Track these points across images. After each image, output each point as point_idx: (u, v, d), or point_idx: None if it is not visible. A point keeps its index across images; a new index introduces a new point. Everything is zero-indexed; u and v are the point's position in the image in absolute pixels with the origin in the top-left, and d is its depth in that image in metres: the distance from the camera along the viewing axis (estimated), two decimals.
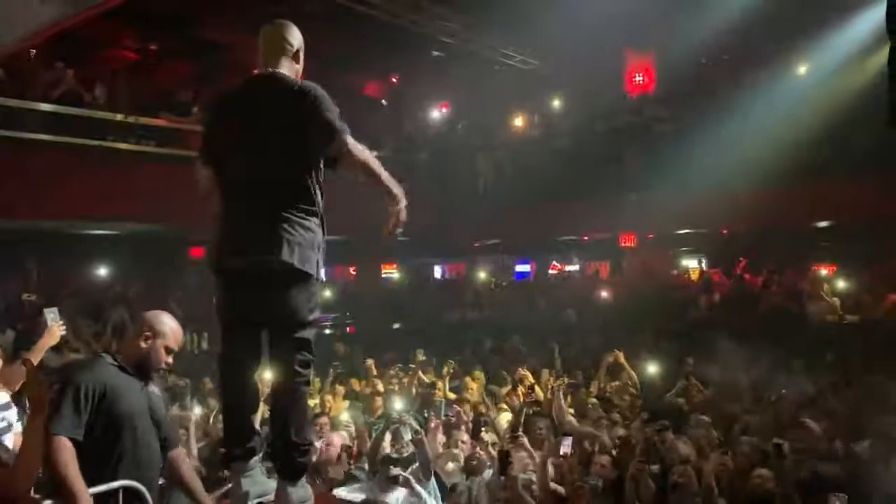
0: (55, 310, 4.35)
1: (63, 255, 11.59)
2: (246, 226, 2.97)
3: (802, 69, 10.71)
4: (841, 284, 10.86)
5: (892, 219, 9.76)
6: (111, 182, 10.10)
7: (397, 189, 3.14)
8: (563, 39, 12.43)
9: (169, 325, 3.30)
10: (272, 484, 3.10)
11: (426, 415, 7.13)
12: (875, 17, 10.36)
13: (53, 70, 10.84)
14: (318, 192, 3.04)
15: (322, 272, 3.08)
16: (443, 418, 6.98)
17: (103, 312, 10.34)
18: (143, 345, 3.22)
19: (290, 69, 3.15)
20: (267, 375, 3.27)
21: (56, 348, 9.22)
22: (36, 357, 3.97)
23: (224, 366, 3.11)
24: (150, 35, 13.63)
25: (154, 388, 3.35)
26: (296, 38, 3.20)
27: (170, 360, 3.29)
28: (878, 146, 10.15)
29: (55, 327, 4.24)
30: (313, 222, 3.02)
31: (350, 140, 3.01)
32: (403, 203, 3.15)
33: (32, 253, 10.38)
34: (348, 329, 13.59)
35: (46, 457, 2.87)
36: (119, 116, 10.95)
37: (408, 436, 5.70)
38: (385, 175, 3.10)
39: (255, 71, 3.18)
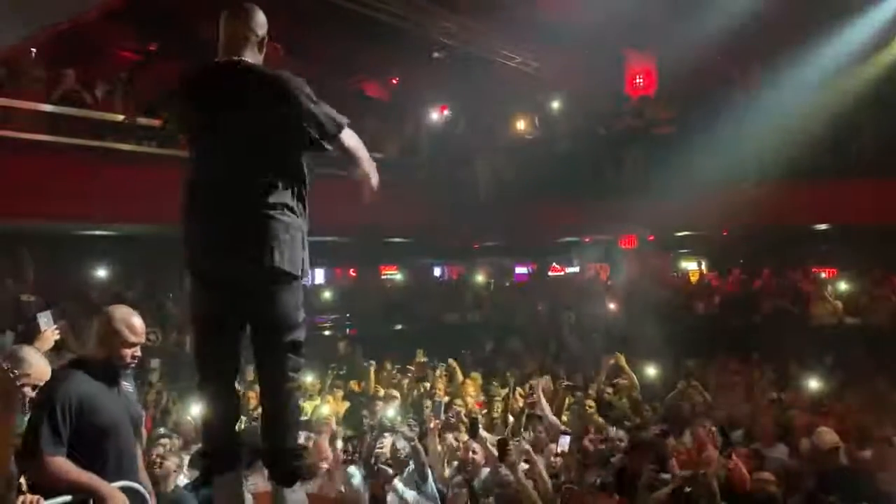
0: (48, 314, 4.28)
1: (62, 256, 11.56)
2: (225, 228, 2.81)
3: (803, 72, 10.70)
4: (842, 287, 10.85)
5: (892, 221, 9.74)
6: (111, 183, 10.08)
7: (371, 168, 3.04)
8: (564, 42, 12.44)
9: (122, 320, 3.18)
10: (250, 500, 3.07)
11: (427, 414, 7.14)
12: (876, 21, 10.40)
13: (54, 70, 10.84)
14: (301, 186, 2.91)
15: (308, 269, 2.96)
16: (441, 419, 6.97)
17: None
18: (102, 348, 3.15)
19: (253, 59, 2.95)
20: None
21: (55, 349, 9.24)
22: None
23: (203, 374, 2.97)
24: (151, 35, 13.62)
25: (126, 385, 3.30)
26: (261, 25, 3.00)
27: (137, 353, 3.21)
28: (878, 148, 10.16)
29: (48, 332, 4.18)
30: (297, 218, 2.88)
31: (349, 139, 2.94)
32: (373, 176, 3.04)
33: (31, 253, 10.36)
34: (348, 331, 13.56)
35: (43, 476, 2.88)
36: (119, 117, 10.94)
37: (401, 443, 5.70)
38: (366, 158, 3.03)
39: (217, 59, 2.95)
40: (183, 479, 5.29)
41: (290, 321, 2.90)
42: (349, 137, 2.94)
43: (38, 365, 3.20)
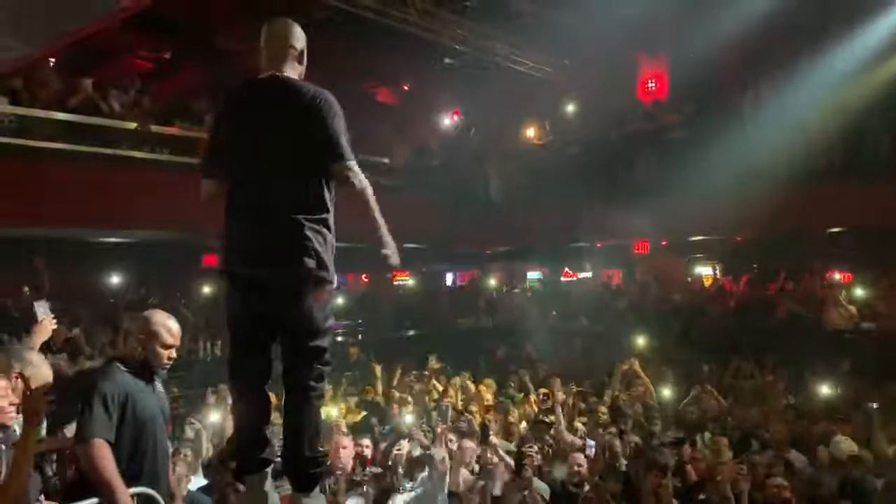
0: (45, 303, 4.23)
1: (77, 263, 11.65)
2: (262, 233, 2.92)
3: (816, 74, 10.65)
4: (857, 291, 10.76)
5: None
6: (126, 190, 10.16)
7: (386, 233, 3.05)
8: (576, 46, 12.44)
9: (161, 323, 3.33)
10: (276, 499, 3.11)
11: (435, 420, 7.14)
12: (889, 24, 10.34)
13: (70, 79, 10.95)
14: (330, 195, 3.02)
15: (335, 276, 3.04)
16: (450, 424, 6.97)
17: (117, 319, 10.40)
18: (139, 348, 3.29)
19: (294, 71, 3.10)
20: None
21: (71, 355, 9.32)
22: None
23: (236, 375, 3.09)
24: (165, 44, 13.74)
25: (158, 385, 3.42)
26: (300, 38, 3.14)
27: (172, 354, 3.35)
28: (892, 150, 10.08)
29: (46, 321, 4.13)
30: (326, 226, 2.99)
31: (354, 170, 2.96)
32: (391, 249, 3.06)
33: (45, 260, 10.45)
34: (360, 336, 13.57)
35: (86, 460, 2.96)
36: (133, 125, 11.04)
37: (417, 451, 5.69)
38: (378, 216, 3.01)
39: (261, 74, 3.09)
40: (196, 483, 5.33)
41: (318, 328, 2.99)
42: (359, 173, 2.98)
43: (41, 369, 3.27)
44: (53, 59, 10.99)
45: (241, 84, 3.18)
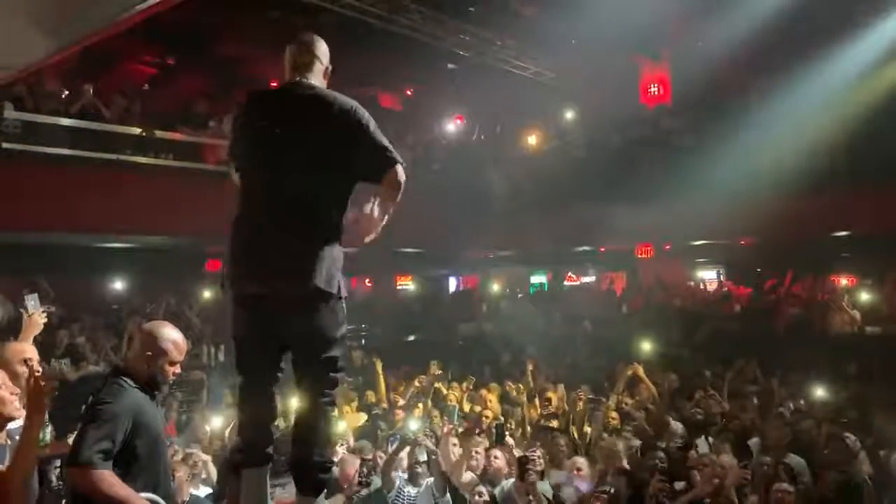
0: (35, 296, 4.14)
1: (81, 269, 11.67)
2: (271, 246, 2.87)
3: (821, 78, 10.63)
4: (862, 296, 10.72)
5: None
6: (129, 195, 10.18)
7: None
8: (579, 51, 12.45)
9: (170, 339, 3.23)
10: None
11: (441, 421, 7.12)
12: (892, 29, 10.32)
13: (73, 85, 10.99)
14: (345, 210, 2.98)
15: (343, 288, 3.01)
16: (455, 424, 6.95)
17: (121, 325, 10.42)
18: (147, 364, 3.19)
19: (318, 85, 3.07)
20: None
21: (74, 361, 9.31)
22: None
23: (243, 385, 3.08)
24: (168, 50, 13.78)
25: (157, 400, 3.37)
26: (325, 54, 3.12)
27: (178, 370, 3.29)
28: None
29: (36, 315, 4.06)
30: (337, 240, 2.96)
31: (402, 171, 2.92)
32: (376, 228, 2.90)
33: (49, 266, 10.47)
34: (363, 341, 13.58)
35: (86, 487, 2.86)
36: (137, 130, 11.07)
37: (423, 456, 5.68)
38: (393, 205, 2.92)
39: (284, 82, 3.05)
40: (203, 489, 5.33)
41: (328, 338, 2.98)
42: (401, 174, 2.93)
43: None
44: (59, 64, 11.03)
45: (261, 90, 3.16)
